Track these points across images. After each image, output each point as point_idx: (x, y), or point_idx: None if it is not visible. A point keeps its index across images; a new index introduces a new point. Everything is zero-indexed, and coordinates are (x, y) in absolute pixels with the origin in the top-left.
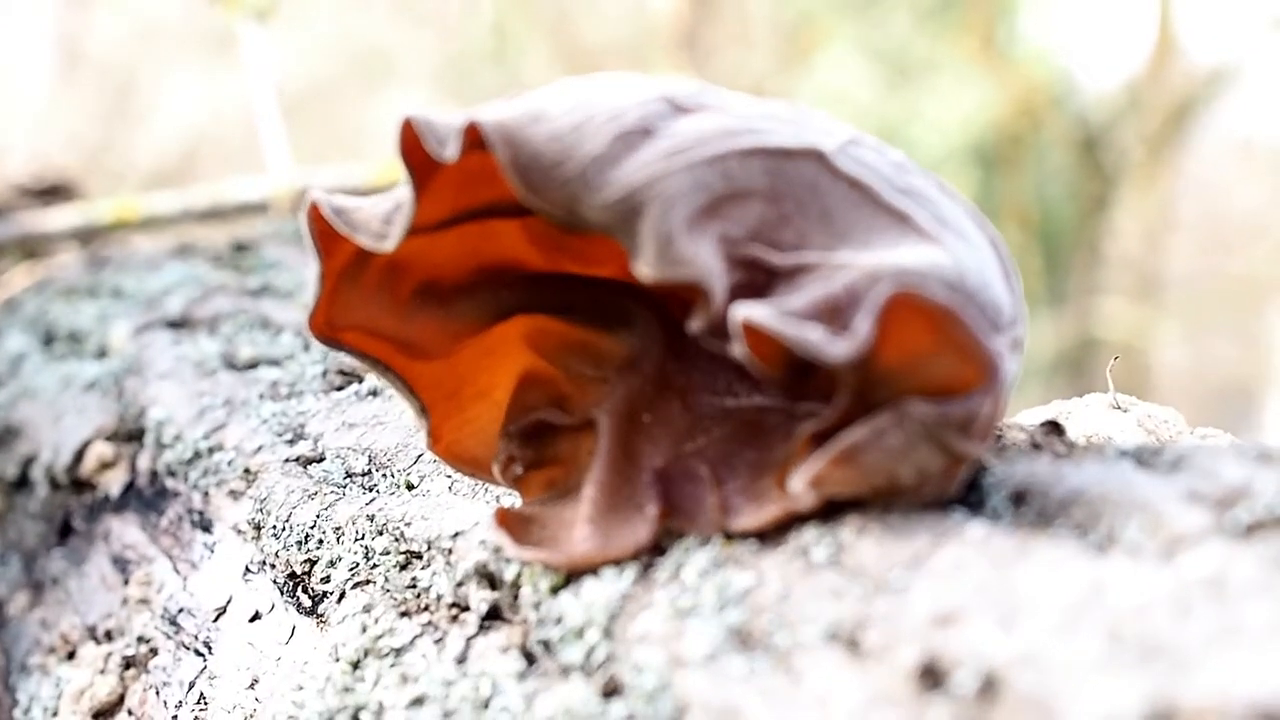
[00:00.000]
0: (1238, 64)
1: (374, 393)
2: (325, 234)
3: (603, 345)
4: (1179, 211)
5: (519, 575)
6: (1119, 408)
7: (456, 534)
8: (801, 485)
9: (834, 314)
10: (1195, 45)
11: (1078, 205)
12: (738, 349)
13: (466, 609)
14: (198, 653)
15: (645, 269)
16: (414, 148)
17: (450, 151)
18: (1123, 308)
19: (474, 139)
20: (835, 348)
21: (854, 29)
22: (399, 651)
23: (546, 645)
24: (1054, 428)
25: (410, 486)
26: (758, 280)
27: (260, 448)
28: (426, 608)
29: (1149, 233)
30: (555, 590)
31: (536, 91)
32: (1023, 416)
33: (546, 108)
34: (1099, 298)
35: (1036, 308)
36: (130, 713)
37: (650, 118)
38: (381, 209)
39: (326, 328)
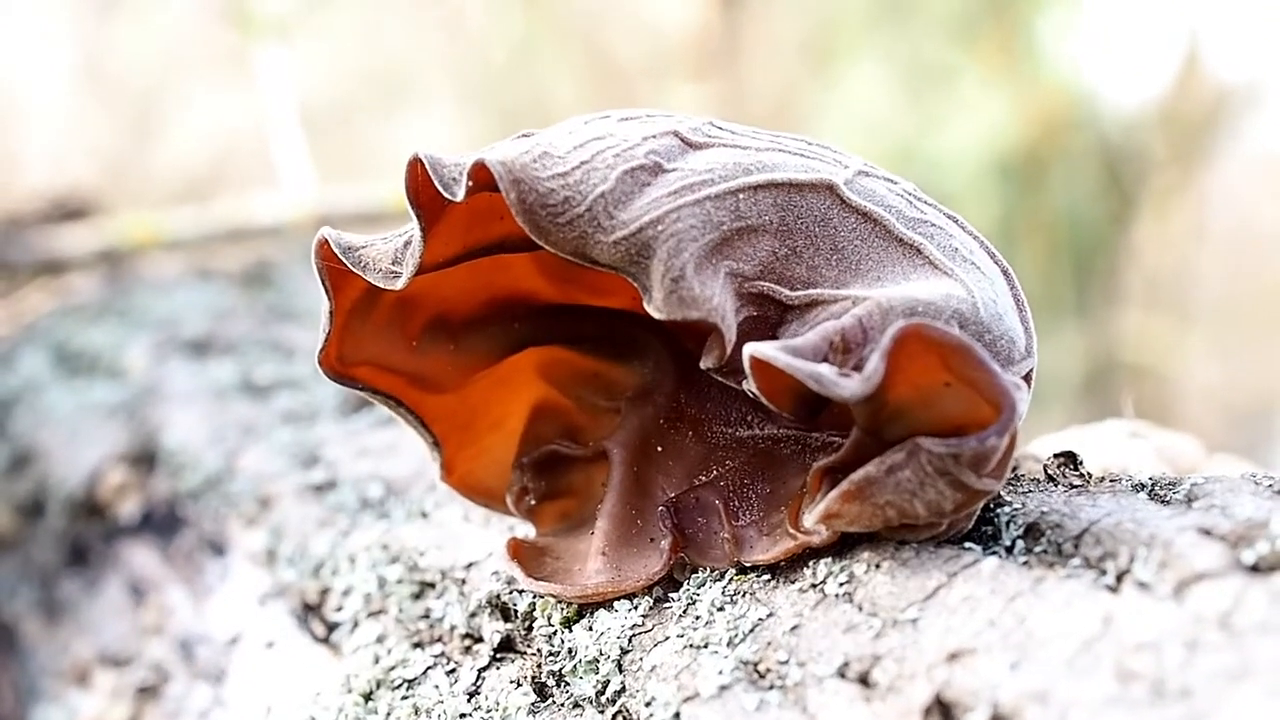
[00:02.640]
0: (1265, 80)
1: (390, 418)
2: (335, 271)
3: (615, 375)
4: (1207, 228)
5: (532, 607)
6: (1136, 435)
7: (470, 564)
8: (814, 521)
9: (846, 349)
10: (1221, 61)
11: (1105, 223)
12: (750, 386)
13: (479, 640)
14: (211, 681)
15: (656, 310)
16: (422, 187)
17: (459, 193)
18: (1150, 325)
19: (482, 179)
20: (847, 385)
21: (880, 44)
22: (411, 683)
23: (559, 677)
24: (1069, 458)
25: (424, 515)
26: (770, 315)
27: (275, 474)
28: (439, 638)
29: (1177, 250)
30: (568, 622)
31: (545, 130)
32: (1037, 445)
33: (554, 145)
34: (1127, 316)
35: (1064, 326)
36: None
37: (659, 153)
38: (391, 247)
39: (338, 364)
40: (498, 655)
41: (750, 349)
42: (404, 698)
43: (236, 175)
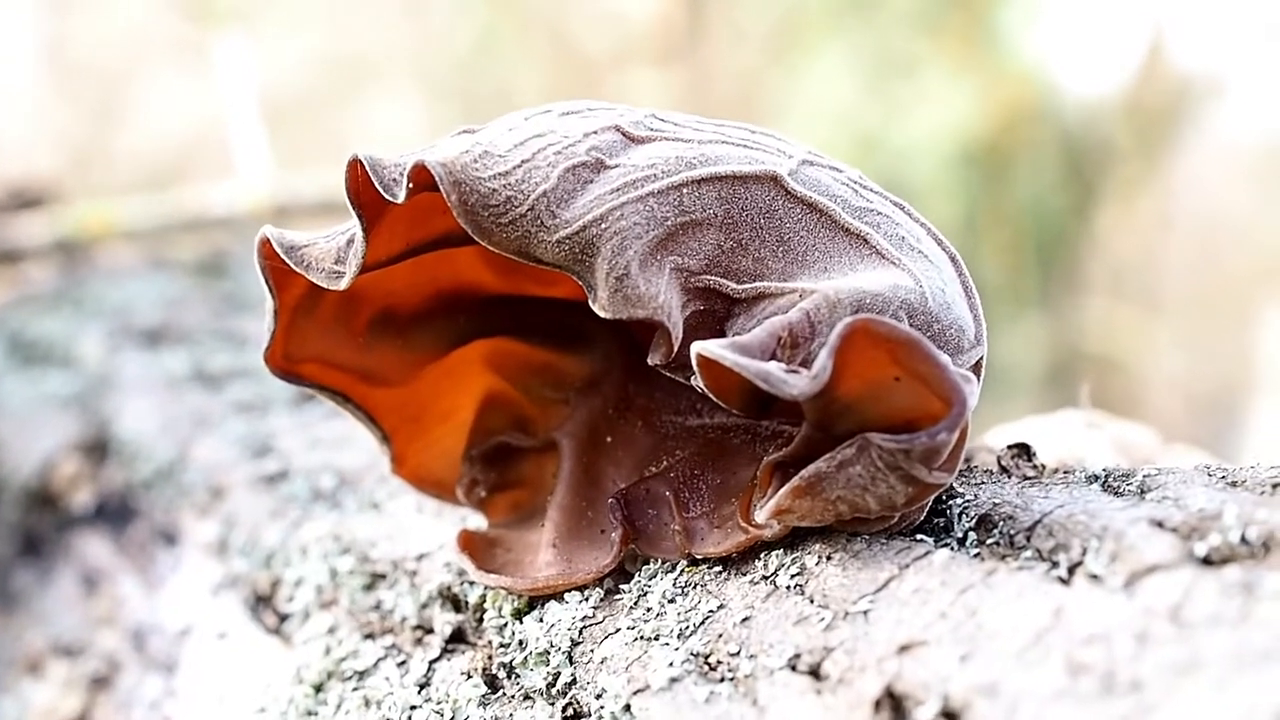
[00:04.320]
0: (1228, 70)
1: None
2: (278, 270)
3: (563, 366)
4: (1171, 218)
5: (483, 598)
6: (1092, 425)
7: (421, 556)
8: (765, 516)
9: (794, 344)
10: (1185, 51)
11: (1069, 213)
12: (698, 382)
13: (430, 631)
14: (162, 671)
15: (601, 309)
16: (363, 188)
17: (399, 195)
18: (1114, 315)
19: (422, 180)
20: (795, 383)
21: (845, 34)
22: (362, 674)
23: (510, 669)
24: (1023, 450)
25: (376, 506)
26: (717, 309)
27: (228, 465)
28: (390, 630)
29: (1141, 240)
30: (519, 614)
31: (485, 126)
32: (992, 436)
33: (495, 144)
34: (1090, 306)
35: (1028, 316)
36: None
37: (601, 149)
38: (334, 246)
39: (284, 362)
40: (449, 647)
41: (697, 348)
42: (355, 689)
43: (200, 165)
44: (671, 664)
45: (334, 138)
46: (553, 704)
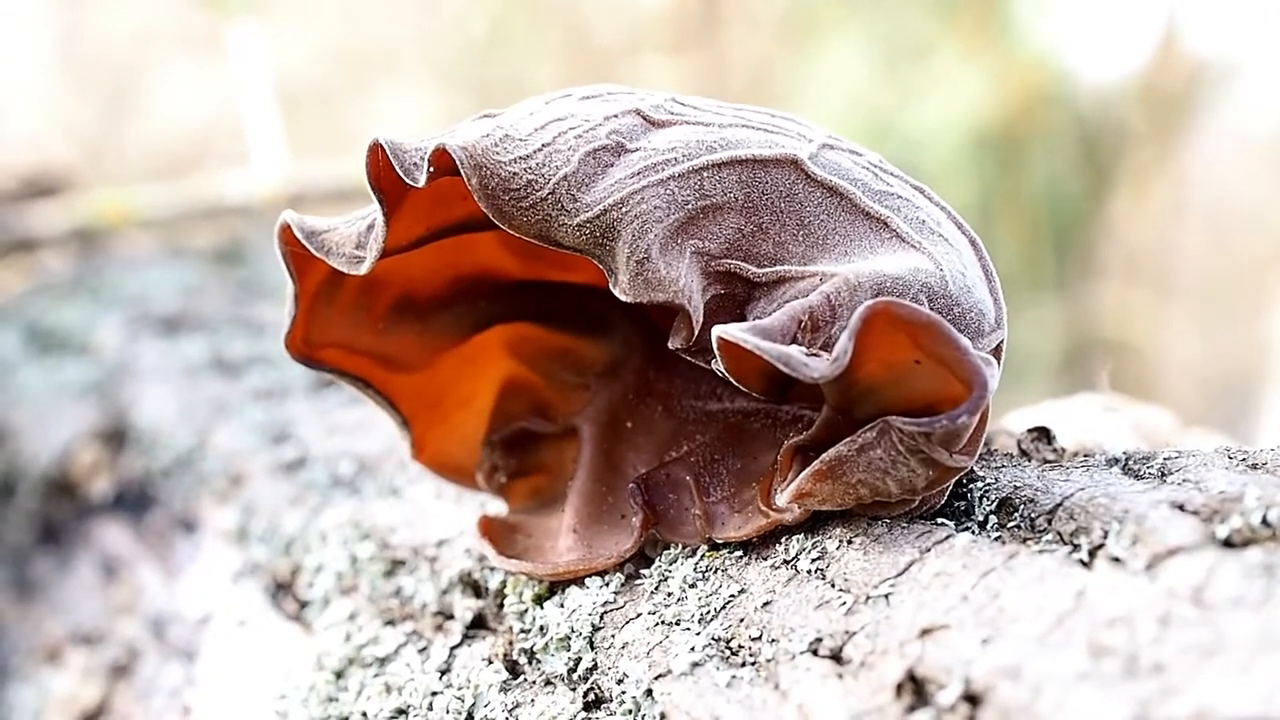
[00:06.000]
0: (1242, 55)
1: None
2: (299, 255)
3: (583, 351)
4: (1185, 203)
5: (503, 584)
6: (1111, 409)
7: (441, 542)
8: (786, 500)
9: (814, 328)
10: (1199, 36)
11: (1084, 198)
12: (719, 366)
13: (451, 617)
14: (182, 659)
15: (622, 293)
16: (384, 172)
17: (420, 179)
18: (1129, 300)
19: (443, 164)
20: (816, 366)
21: (859, 19)
22: (383, 661)
23: (531, 655)
24: (1042, 433)
25: (395, 492)
26: (737, 293)
27: (246, 452)
28: (411, 616)
29: (1155, 225)
30: (540, 600)
31: (506, 110)
32: (1011, 420)
33: (515, 128)
34: (1105, 291)
35: (1043, 301)
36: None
37: (621, 133)
38: (354, 231)
39: (304, 347)
40: (469, 633)
41: (718, 331)
42: (375, 675)
43: (214, 155)
44: (693, 649)
45: (347, 128)
46: (574, 689)
